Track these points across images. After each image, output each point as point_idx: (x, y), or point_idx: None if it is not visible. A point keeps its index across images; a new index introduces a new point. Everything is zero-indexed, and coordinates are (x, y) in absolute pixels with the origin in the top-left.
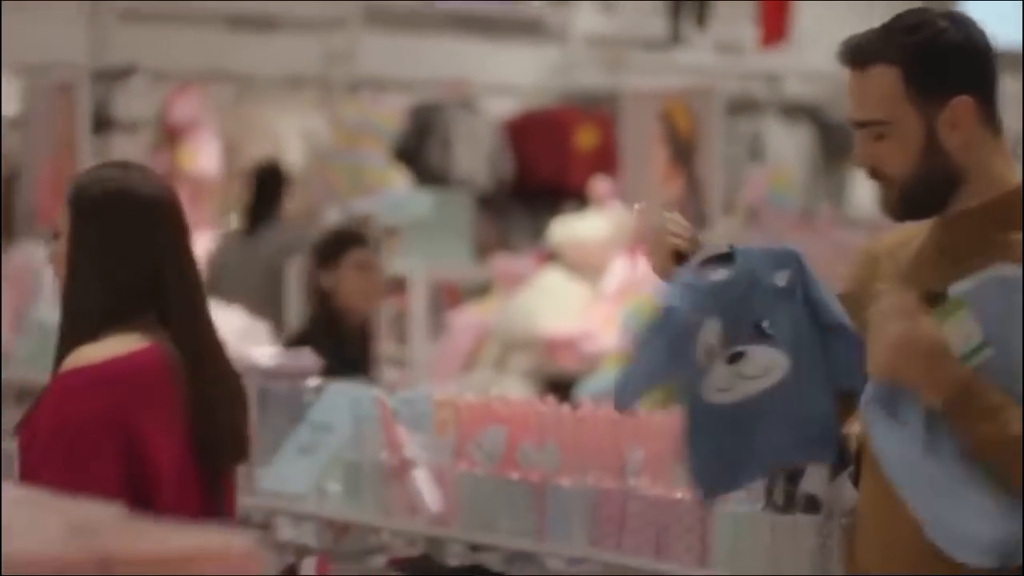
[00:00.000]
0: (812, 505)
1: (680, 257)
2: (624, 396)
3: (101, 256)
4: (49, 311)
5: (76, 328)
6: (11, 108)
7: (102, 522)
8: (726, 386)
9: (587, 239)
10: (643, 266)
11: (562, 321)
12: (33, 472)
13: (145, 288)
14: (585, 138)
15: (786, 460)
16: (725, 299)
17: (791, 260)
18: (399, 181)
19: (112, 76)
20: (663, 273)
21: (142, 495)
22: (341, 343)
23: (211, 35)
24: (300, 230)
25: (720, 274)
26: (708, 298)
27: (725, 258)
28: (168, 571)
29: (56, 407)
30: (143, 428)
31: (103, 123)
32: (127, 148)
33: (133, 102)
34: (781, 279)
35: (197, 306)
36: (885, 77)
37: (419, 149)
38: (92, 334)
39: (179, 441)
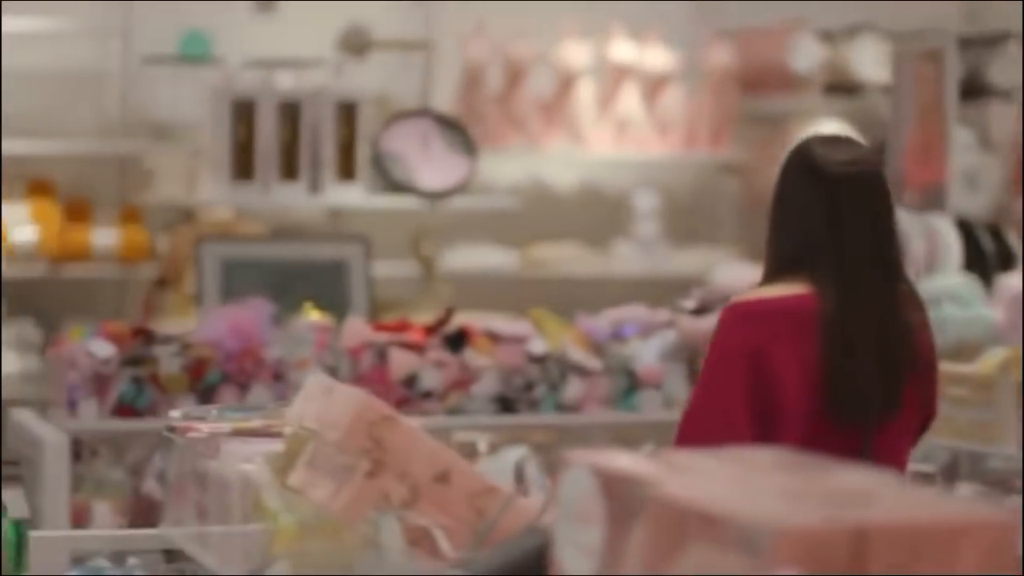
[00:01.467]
0: None
1: None
2: None
3: (775, 215)
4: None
5: (763, 276)
6: (882, 74)
7: (869, 491)
8: None
9: None
10: None
11: None
12: (692, 400)
13: (801, 247)
14: None
15: None
16: None
17: None
18: None
19: (985, 42)
20: None
21: (769, 428)
22: None
23: None
24: None
25: None
26: None
27: None
28: (928, 544)
29: (713, 336)
30: (774, 362)
31: (973, 90)
32: (1000, 115)
33: (1007, 69)
34: None
35: (854, 270)
36: None
37: None
38: (766, 281)
39: (808, 383)
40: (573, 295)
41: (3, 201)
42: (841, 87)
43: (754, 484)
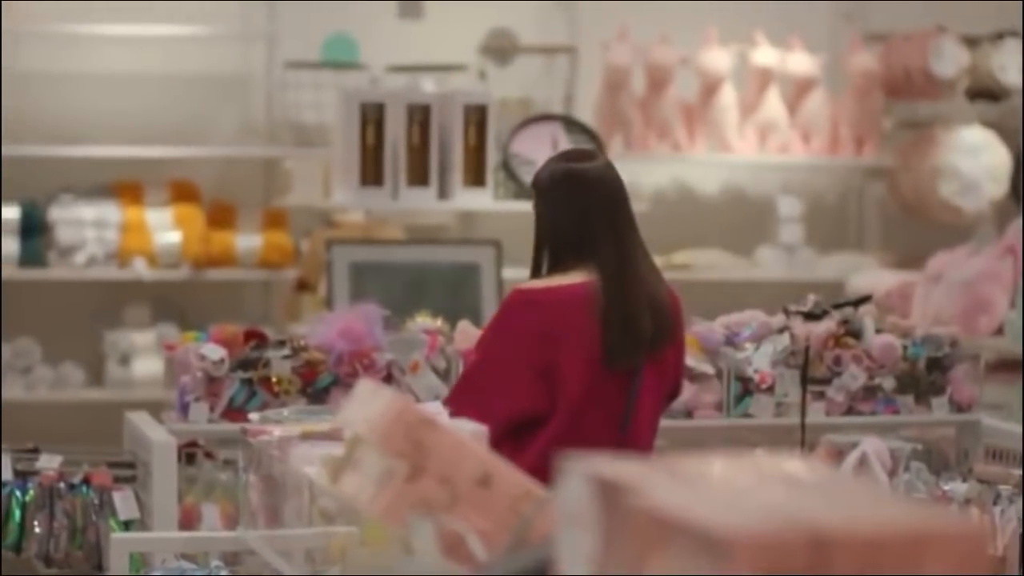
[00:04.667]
0: None
1: None
2: None
3: (543, 222)
4: None
5: (534, 273)
6: None
7: (840, 498)
8: None
9: None
10: None
11: None
12: (471, 365)
13: (580, 241)
14: None
15: None
16: None
17: None
18: None
19: None
20: None
21: (552, 389)
22: None
23: None
24: None
25: None
26: None
27: None
28: (891, 554)
29: (498, 316)
30: (557, 338)
31: None
32: None
33: None
34: None
35: (624, 250)
36: None
37: None
38: (541, 274)
39: (586, 348)
40: (716, 300)
41: (147, 206)
42: (984, 93)
43: (732, 490)
